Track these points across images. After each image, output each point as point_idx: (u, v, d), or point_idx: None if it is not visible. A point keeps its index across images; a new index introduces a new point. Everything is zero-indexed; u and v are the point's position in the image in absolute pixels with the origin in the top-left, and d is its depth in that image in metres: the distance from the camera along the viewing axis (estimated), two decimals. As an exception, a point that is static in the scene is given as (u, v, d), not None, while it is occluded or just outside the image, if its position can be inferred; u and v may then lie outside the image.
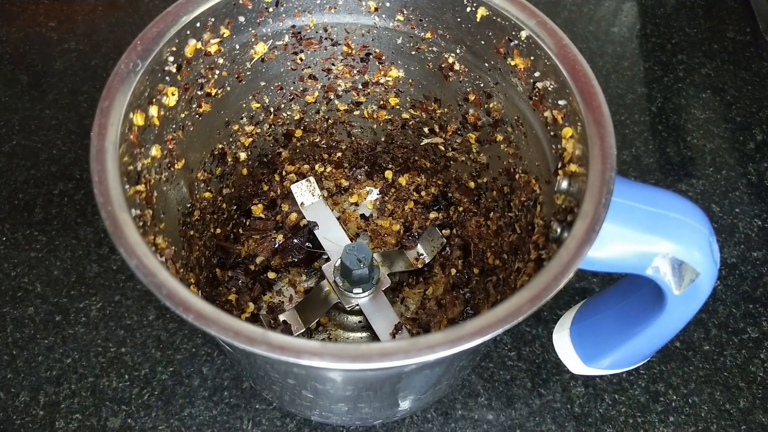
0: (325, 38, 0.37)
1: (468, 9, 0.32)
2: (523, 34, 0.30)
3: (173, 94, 0.31)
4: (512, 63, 0.32)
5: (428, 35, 0.35)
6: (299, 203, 0.45)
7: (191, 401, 0.40)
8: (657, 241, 0.26)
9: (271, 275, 0.43)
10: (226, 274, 0.42)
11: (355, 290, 0.40)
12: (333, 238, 0.43)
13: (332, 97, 0.41)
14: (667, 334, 0.31)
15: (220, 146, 0.38)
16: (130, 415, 0.39)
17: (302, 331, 0.40)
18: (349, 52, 0.38)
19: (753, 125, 0.55)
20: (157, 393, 0.40)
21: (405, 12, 0.35)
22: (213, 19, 0.31)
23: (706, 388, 0.42)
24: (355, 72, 0.39)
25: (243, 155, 0.40)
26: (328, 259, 0.43)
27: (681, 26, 0.62)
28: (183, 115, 0.33)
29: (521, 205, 0.35)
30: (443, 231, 0.45)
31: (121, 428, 0.39)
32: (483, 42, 0.33)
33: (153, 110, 0.29)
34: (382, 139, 0.43)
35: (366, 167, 0.46)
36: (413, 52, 0.37)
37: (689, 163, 0.52)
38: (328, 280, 0.41)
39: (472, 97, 0.36)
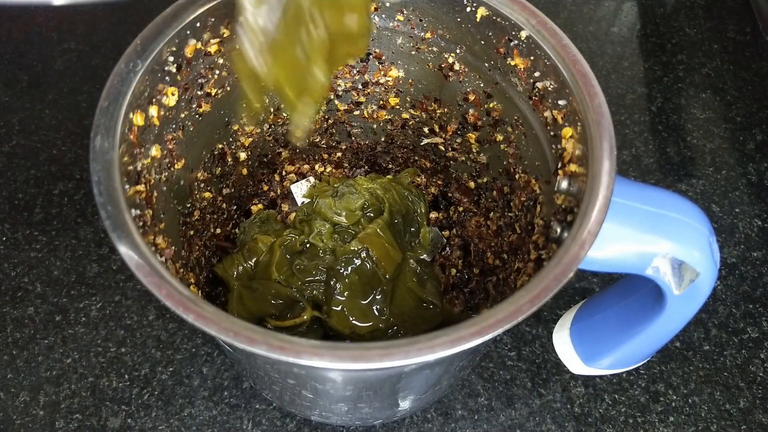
0: (325, 38, 0.37)
1: (468, 9, 0.32)
2: (523, 34, 0.30)
3: (173, 94, 0.31)
4: (512, 63, 0.32)
5: (428, 35, 0.35)
6: (299, 203, 0.45)
7: (191, 401, 0.40)
8: (657, 241, 0.26)
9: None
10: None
11: None
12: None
13: (332, 97, 0.41)
14: (667, 334, 0.31)
15: (220, 146, 0.38)
16: (130, 415, 0.39)
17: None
18: (349, 52, 0.38)
19: (753, 125, 0.55)
20: (157, 393, 0.40)
21: (405, 12, 0.35)
22: (213, 19, 0.31)
23: (706, 388, 0.42)
24: (354, 72, 0.39)
25: (243, 155, 0.40)
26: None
27: (681, 26, 0.62)
28: (183, 115, 0.33)
29: (521, 205, 0.35)
30: (443, 231, 0.45)
31: (121, 428, 0.39)
32: (483, 42, 0.33)
33: (153, 110, 0.29)
34: (382, 139, 0.43)
35: (366, 167, 0.46)
36: (413, 52, 0.37)
37: (689, 163, 0.53)
38: None
39: (472, 97, 0.36)
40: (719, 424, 0.41)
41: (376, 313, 0.37)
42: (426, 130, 0.41)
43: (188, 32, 0.30)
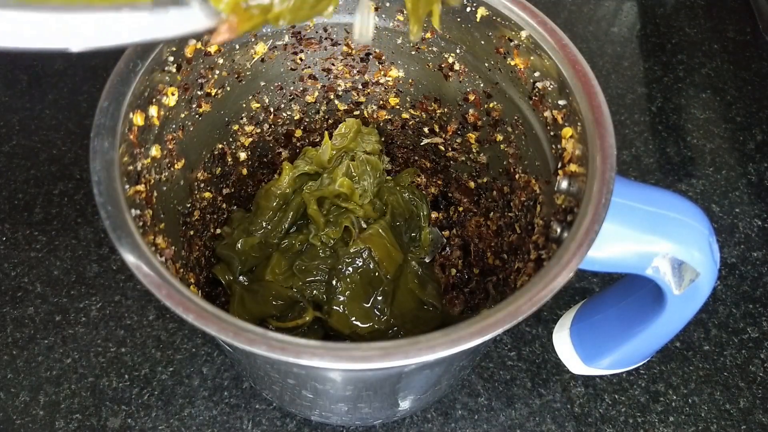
0: (325, 38, 0.37)
1: (468, 9, 0.32)
2: (523, 34, 0.30)
3: (173, 94, 0.31)
4: (512, 63, 0.32)
5: (428, 35, 0.35)
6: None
7: (191, 401, 0.40)
8: (657, 241, 0.26)
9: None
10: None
11: None
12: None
13: (332, 97, 0.41)
14: (667, 334, 0.31)
15: (220, 146, 0.38)
16: (130, 415, 0.39)
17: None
18: (349, 52, 0.38)
19: (753, 125, 0.55)
20: (157, 393, 0.40)
21: (405, 12, 0.35)
22: (213, 19, 0.31)
23: (706, 388, 0.42)
24: (355, 72, 0.39)
25: (243, 155, 0.40)
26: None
27: (681, 26, 0.62)
28: (183, 115, 0.33)
29: (521, 205, 0.35)
30: (443, 231, 0.45)
31: (121, 428, 0.39)
32: (483, 42, 0.33)
33: (153, 110, 0.29)
34: (382, 139, 0.43)
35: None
36: (413, 52, 0.37)
37: (689, 163, 0.53)
38: None
39: (472, 97, 0.36)
40: (719, 424, 0.41)
41: (377, 314, 0.38)
42: (426, 130, 0.41)
43: (188, 32, 0.30)
